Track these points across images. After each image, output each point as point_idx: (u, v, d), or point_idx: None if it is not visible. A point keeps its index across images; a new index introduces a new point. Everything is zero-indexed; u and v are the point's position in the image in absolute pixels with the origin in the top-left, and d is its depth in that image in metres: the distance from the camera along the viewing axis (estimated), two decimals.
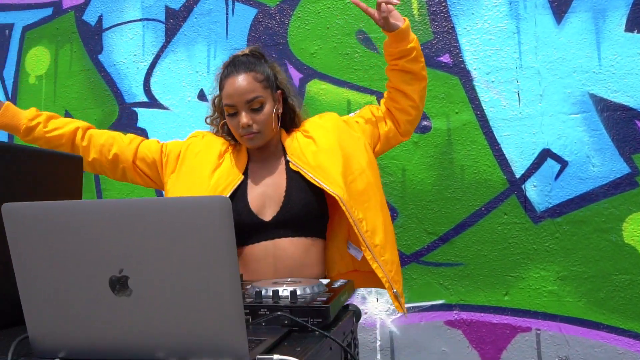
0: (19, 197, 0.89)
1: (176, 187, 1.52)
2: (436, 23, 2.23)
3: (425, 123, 2.20)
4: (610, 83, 2.06)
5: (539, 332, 2.05)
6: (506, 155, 2.12)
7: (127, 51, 2.60)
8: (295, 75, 2.36)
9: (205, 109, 2.33)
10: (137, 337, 0.81)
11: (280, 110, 1.54)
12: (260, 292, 1.06)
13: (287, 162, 1.50)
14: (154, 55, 2.56)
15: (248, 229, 1.45)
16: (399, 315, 2.18)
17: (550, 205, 2.07)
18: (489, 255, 2.11)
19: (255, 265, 1.45)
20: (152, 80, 2.55)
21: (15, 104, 2.71)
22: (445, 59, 2.21)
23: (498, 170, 2.13)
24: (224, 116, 1.53)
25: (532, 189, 2.09)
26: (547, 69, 2.12)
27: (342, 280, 1.28)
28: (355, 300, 2.21)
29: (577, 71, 2.09)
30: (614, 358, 1.98)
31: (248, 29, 2.43)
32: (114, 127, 2.57)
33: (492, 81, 2.16)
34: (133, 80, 2.58)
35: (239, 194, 1.46)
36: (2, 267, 0.96)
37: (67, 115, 2.62)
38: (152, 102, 2.54)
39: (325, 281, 1.27)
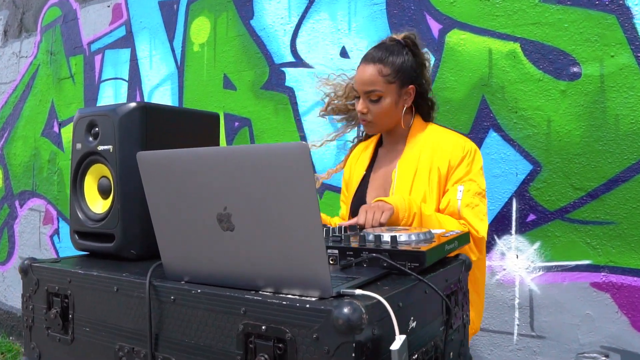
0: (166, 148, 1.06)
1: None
2: None
3: (574, 69, 2.02)
4: None
5: None
6: None
7: (275, 15, 2.76)
8: (435, 27, 2.31)
9: (348, 65, 2.42)
10: (241, 267, 0.92)
11: (407, 105, 1.64)
12: (365, 236, 1.13)
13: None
14: (298, 17, 2.68)
15: None
16: (540, 273, 2.08)
17: None
18: None
19: None
20: (298, 40, 2.69)
21: (182, 70, 3.07)
22: None
23: None
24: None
25: None
26: None
27: (456, 231, 1.29)
28: (494, 256, 2.16)
29: None
30: None
31: None
32: (265, 87, 2.77)
33: None
34: (281, 42, 2.74)
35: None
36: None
37: (225, 78, 2.90)
38: (298, 62, 2.69)
39: (439, 231, 1.29)
